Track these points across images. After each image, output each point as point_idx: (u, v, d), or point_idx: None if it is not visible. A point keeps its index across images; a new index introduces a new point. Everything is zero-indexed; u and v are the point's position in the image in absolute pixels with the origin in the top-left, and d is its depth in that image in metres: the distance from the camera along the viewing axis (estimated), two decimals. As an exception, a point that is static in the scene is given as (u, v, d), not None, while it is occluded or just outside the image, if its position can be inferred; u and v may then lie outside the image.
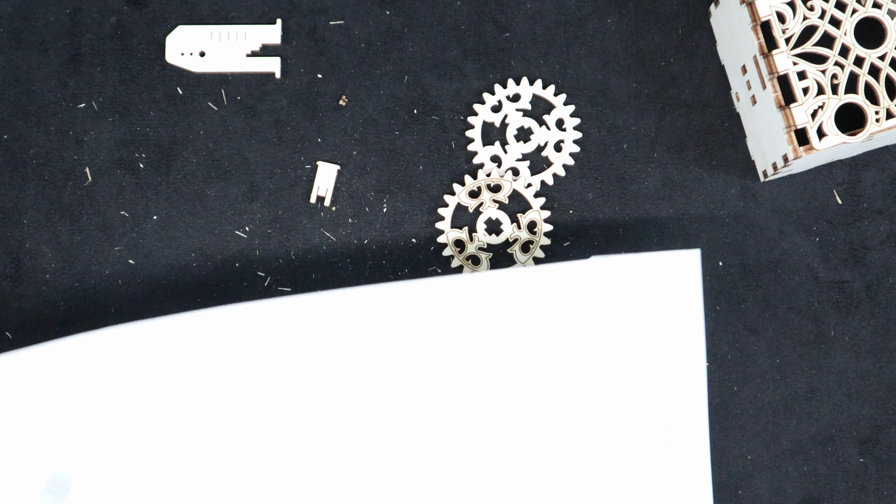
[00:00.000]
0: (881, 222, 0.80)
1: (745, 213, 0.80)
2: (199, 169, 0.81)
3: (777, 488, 0.80)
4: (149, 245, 0.80)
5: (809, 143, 0.73)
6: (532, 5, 0.81)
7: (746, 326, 0.80)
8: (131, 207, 0.80)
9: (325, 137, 0.81)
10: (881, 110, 0.73)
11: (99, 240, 0.80)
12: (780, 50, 0.73)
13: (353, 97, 0.81)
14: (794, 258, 0.80)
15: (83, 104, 0.81)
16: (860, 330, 0.80)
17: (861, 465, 0.80)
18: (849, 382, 0.80)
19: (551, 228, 0.80)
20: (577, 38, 0.81)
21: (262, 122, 0.81)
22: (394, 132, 0.81)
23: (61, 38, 0.81)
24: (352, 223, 0.80)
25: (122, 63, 0.81)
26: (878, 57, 0.73)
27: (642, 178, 0.81)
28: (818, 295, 0.80)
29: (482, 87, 0.81)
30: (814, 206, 0.80)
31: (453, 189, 0.80)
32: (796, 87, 0.73)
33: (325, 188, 0.80)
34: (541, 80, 0.81)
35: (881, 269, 0.80)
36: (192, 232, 0.80)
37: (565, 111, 0.80)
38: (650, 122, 0.81)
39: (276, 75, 0.81)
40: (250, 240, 0.80)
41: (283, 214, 0.80)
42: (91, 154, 0.80)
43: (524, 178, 0.80)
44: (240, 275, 0.80)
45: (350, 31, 0.81)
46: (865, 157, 0.80)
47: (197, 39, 0.81)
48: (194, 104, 0.81)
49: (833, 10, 0.73)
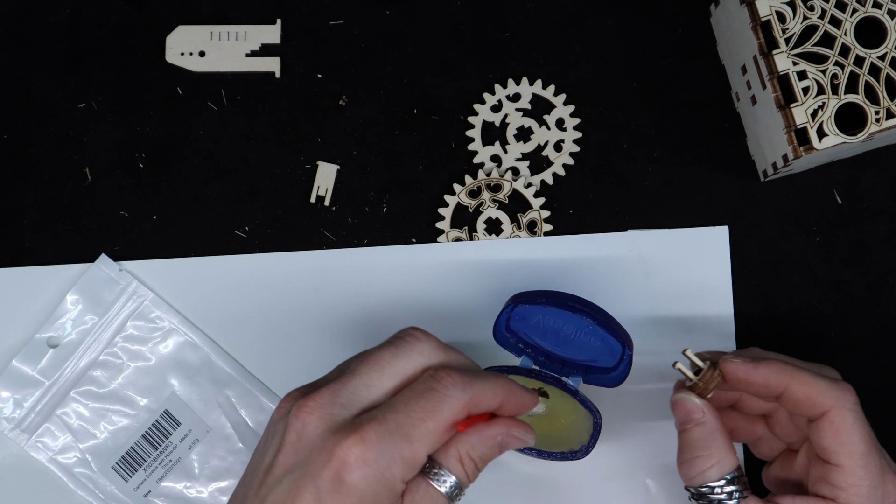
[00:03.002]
0: (881, 222, 0.80)
1: (745, 213, 0.80)
2: (199, 169, 0.80)
3: (777, 488, 0.80)
4: (148, 245, 0.80)
5: (809, 142, 0.73)
6: (532, 5, 0.81)
7: (746, 326, 0.80)
8: (131, 207, 0.80)
9: (325, 137, 0.81)
10: (881, 110, 0.73)
11: (98, 240, 0.80)
12: (780, 50, 0.73)
13: (353, 97, 0.81)
14: (794, 258, 0.80)
15: (83, 104, 0.81)
16: (860, 330, 0.80)
17: (861, 465, 0.80)
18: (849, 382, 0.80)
19: (551, 228, 0.80)
20: (577, 38, 0.81)
21: (262, 122, 0.81)
22: (394, 132, 0.81)
23: (61, 38, 0.81)
24: (352, 223, 0.80)
25: (122, 63, 0.81)
26: (879, 57, 0.73)
27: (642, 177, 0.81)
28: (818, 295, 0.80)
29: (482, 87, 0.81)
30: (814, 206, 0.80)
31: (453, 189, 0.80)
32: (796, 86, 0.73)
33: (325, 188, 0.80)
34: (541, 79, 0.81)
35: (881, 269, 0.80)
36: (192, 232, 0.80)
37: (565, 111, 0.80)
38: (650, 122, 0.81)
39: (276, 75, 0.81)
40: (250, 240, 0.80)
41: (282, 214, 0.80)
42: (91, 154, 0.80)
43: (524, 177, 0.80)
44: (240, 275, 0.80)
45: (350, 31, 0.81)
46: (865, 157, 0.80)
47: (197, 39, 0.81)
48: (194, 104, 0.81)
49: (833, 10, 0.73)
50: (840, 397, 0.66)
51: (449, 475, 0.62)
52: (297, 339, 0.79)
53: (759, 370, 0.66)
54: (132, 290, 0.79)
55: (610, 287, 0.79)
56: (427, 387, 0.62)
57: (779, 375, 0.66)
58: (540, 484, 0.78)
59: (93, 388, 0.78)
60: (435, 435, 0.61)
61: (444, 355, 0.64)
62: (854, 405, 0.66)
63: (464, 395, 0.62)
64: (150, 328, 0.79)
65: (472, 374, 0.63)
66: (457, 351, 0.65)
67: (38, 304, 0.79)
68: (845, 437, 0.65)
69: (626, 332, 0.72)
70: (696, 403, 0.67)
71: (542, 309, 0.72)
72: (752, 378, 0.66)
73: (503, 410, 0.65)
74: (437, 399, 0.61)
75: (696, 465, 0.66)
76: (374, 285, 0.79)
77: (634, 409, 0.79)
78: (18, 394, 0.77)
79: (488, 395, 0.63)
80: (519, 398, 0.65)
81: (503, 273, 0.79)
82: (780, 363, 0.67)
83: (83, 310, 0.78)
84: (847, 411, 0.65)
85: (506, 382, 0.65)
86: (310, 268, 0.79)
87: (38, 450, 0.78)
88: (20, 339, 0.78)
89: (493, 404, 0.64)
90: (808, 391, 0.66)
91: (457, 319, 0.79)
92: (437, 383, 0.62)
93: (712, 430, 0.67)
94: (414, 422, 0.61)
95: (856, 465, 0.65)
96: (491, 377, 0.64)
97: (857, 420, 0.66)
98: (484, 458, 0.64)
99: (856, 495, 0.65)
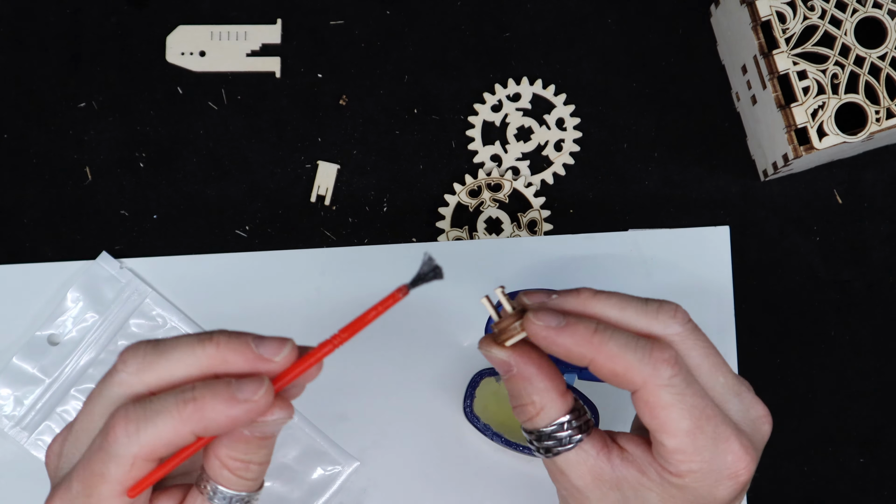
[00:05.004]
0: (881, 222, 0.80)
1: (745, 213, 0.80)
2: (199, 168, 0.80)
3: (777, 488, 0.80)
4: (149, 244, 0.80)
5: (810, 142, 0.73)
6: (532, 5, 0.81)
7: (746, 326, 0.80)
8: (131, 207, 0.80)
9: (326, 137, 0.81)
10: (881, 110, 0.73)
11: (99, 239, 0.80)
12: (781, 50, 0.73)
13: (353, 97, 0.81)
14: (794, 258, 0.80)
15: (83, 104, 0.81)
16: (860, 330, 0.80)
17: (861, 465, 0.80)
18: (849, 382, 0.80)
19: (552, 228, 0.80)
20: (577, 37, 0.81)
21: (262, 122, 0.81)
22: (394, 131, 0.81)
23: (61, 38, 0.81)
24: (352, 222, 0.80)
25: (122, 63, 0.81)
26: (879, 56, 0.73)
27: (642, 177, 0.81)
28: (818, 295, 0.80)
29: (482, 87, 0.81)
30: (814, 206, 0.80)
31: (453, 188, 0.80)
32: (797, 86, 0.73)
33: (325, 187, 0.80)
34: (541, 79, 0.81)
35: (881, 269, 0.80)
36: (192, 231, 0.80)
37: (565, 111, 0.80)
38: (650, 121, 0.81)
39: (277, 75, 0.81)
40: (251, 239, 0.80)
41: (283, 214, 0.80)
42: (91, 153, 0.80)
43: (524, 177, 0.80)
44: (240, 274, 0.80)
45: (350, 31, 0.81)
46: (866, 156, 0.80)
47: (197, 39, 0.81)
48: (194, 104, 0.81)
49: (833, 10, 0.73)
50: (652, 374, 0.57)
51: (213, 483, 0.55)
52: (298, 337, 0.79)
53: (561, 338, 0.57)
54: (133, 288, 0.78)
55: (610, 286, 0.79)
56: (97, 445, 0.54)
57: (582, 346, 0.57)
58: (540, 484, 0.78)
59: (93, 385, 0.78)
60: (115, 495, 0.54)
61: (148, 374, 0.54)
62: (670, 378, 0.57)
63: (129, 449, 0.53)
64: (151, 326, 0.79)
65: (149, 410, 0.53)
66: (172, 344, 0.54)
67: (39, 302, 0.79)
68: (663, 417, 0.57)
69: None
70: (499, 357, 0.59)
71: None
72: (553, 347, 0.58)
73: (224, 422, 0.53)
74: (104, 460, 0.53)
75: (521, 413, 0.60)
76: (374, 284, 0.79)
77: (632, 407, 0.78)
78: (19, 391, 0.77)
79: (171, 431, 0.53)
80: (242, 406, 0.53)
81: (503, 273, 0.79)
82: (586, 330, 0.57)
83: (84, 307, 0.78)
84: (661, 388, 0.57)
85: (203, 394, 0.53)
86: (310, 266, 0.79)
87: (39, 447, 0.78)
88: (21, 336, 0.78)
89: (197, 429, 0.53)
90: (614, 367, 0.57)
91: (456, 319, 0.79)
92: (104, 439, 0.53)
93: (529, 377, 0.59)
94: (89, 490, 0.54)
95: (681, 444, 0.57)
96: (178, 395, 0.53)
97: (676, 395, 0.57)
98: (249, 452, 0.55)
99: (688, 471, 0.58)
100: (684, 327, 0.59)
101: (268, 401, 0.53)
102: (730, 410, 0.59)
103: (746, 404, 0.60)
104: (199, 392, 0.53)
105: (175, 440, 0.53)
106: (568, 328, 0.57)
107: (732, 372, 0.60)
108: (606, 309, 0.59)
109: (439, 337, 0.78)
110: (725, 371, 0.59)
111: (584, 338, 0.57)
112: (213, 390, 0.53)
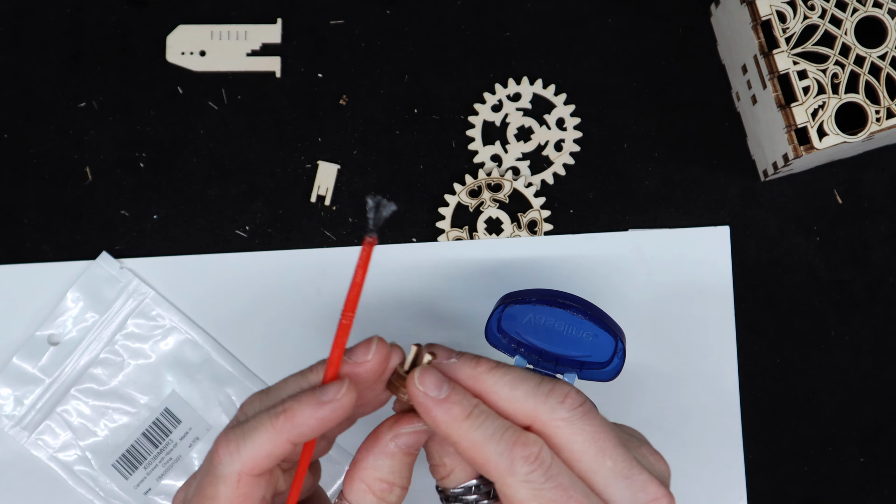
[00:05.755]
0: (881, 222, 0.80)
1: (745, 213, 0.80)
2: (200, 168, 0.80)
3: (777, 488, 0.80)
4: (149, 244, 0.80)
5: (810, 142, 0.73)
6: (532, 5, 0.81)
7: (746, 326, 0.80)
8: (131, 207, 0.80)
9: (326, 137, 0.81)
10: (882, 109, 0.73)
11: (99, 239, 0.80)
12: (781, 49, 0.73)
13: (353, 96, 0.81)
14: (794, 258, 0.80)
15: (83, 104, 0.81)
16: (860, 330, 0.80)
17: (861, 465, 0.80)
18: (849, 382, 0.80)
19: (552, 228, 0.80)
20: (577, 37, 0.81)
21: (263, 122, 0.81)
22: (394, 131, 0.81)
23: (61, 38, 0.81)
24: (352, 223, 0.80)
25: (122, 63, 0.81)
26: (879, 56, 0.73)
27: (642, 177, 0.81)
28: (818, 295, 0.80)
29: (482, 87, 0.81)
30: (814, 205, 0.80)
31: (454, 188, 0.80)
32: (797, 86, 0.73)
33: (326, 187, 0.80)
34: (541, 79, 0.81)
35: (881, 269, 0.80)
36: (193, 231, 0.80)
37: (566, 110, 0.80)
38: (650, 121, 0.81)
39: (277, 74, 0.81)
40: (250, 239, 0.80)
41: (283, 214, 0.80)
42: (91, 153, 0.80)
43: (524, 177, 0.80)
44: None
45: (350, 31, 0.81)
46: (866, 156, 0.80)
47: (197, 39, 0.81)
48: (194, 103, 0.81)
49: (833, 10, 0.73)
50: (508, 468, 0.55)
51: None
52: (298, 337, 0.79)
53: (435, 411, 0.56)
54: (133, 288, 0.79)
55: (610, 287, 0.79)
56: (204, 470, 0.57)
57: (450, 428, 0.56)
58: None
59: (93, 385, 0.78)
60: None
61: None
62: (527, 475, 0.55)
63: (233, 467, 0.55)
64: (151, 326, 0.79)
65: (246, 428, 0.56)
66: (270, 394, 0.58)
67: (39, 302, 0.79)
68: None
69: (618, 326, 0.71)
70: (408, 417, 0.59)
71: (532, 307, 0.72)
72: (426, 416, 0.57)
73: (320, 426, 0.56)
74: (213, 483, 0.56)
75: (433, 471, 0.60)
76: (374, 285, 0.79)
77: (633, 408, 0.78)
78: (19, 391, 0.77)
79: (268, 443, 0.55)
80: (332, 410, 0.56)
81: (503, 273, 0.79)
82: (461, 411, 0.56)
83: (84, 307, 0.78)
84: (518, 483, 0.55)
85: (294, 412, 0.56)
86: (310, 266, 0.79)
87: (39, 447, 0.78)
88: (21, 336, 0.78)
89: (292, 436, 0.56)
90: (474, 456, 0.56)
91: (456, 319, 0.79)
92: (210, 464, 0.56)
93: (438, 441, 0.59)
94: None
95: None
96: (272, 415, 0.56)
97: (533, 490, 0.55)
98: (394, 471, 0.58)
99: None
100: (572, 412, 0.57)
101: (351, 398, 0.56)
102: (613, 496, 0.57)
103: (636, 488, 0.57)
104: (289, 404, 0.56)
105: (274, 451, 0.55)
106: (445, 403, 0.57)
107: (626, 454, 0.58)
108: (498, 387, 0.58)
109: (439, 337, 0.78)
110: (616, 454, 0.57)
111: (456, 419, 0.56)
112: (300, 400, 0.56)
